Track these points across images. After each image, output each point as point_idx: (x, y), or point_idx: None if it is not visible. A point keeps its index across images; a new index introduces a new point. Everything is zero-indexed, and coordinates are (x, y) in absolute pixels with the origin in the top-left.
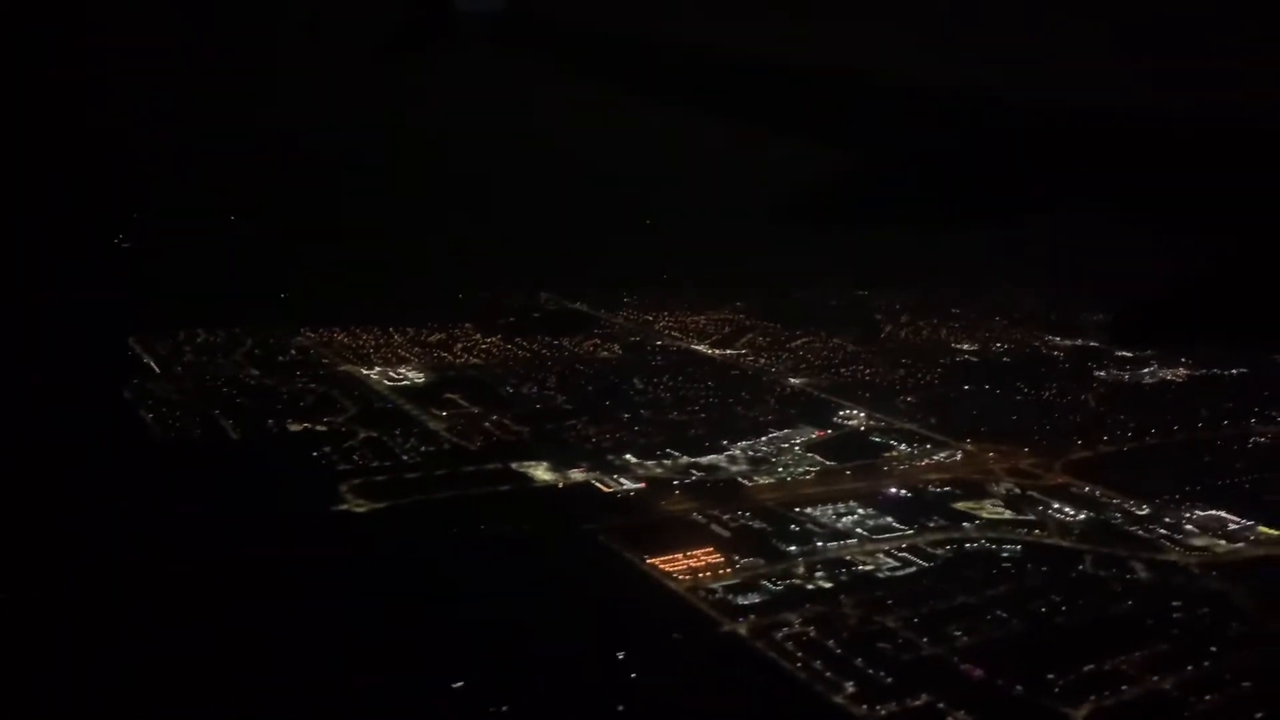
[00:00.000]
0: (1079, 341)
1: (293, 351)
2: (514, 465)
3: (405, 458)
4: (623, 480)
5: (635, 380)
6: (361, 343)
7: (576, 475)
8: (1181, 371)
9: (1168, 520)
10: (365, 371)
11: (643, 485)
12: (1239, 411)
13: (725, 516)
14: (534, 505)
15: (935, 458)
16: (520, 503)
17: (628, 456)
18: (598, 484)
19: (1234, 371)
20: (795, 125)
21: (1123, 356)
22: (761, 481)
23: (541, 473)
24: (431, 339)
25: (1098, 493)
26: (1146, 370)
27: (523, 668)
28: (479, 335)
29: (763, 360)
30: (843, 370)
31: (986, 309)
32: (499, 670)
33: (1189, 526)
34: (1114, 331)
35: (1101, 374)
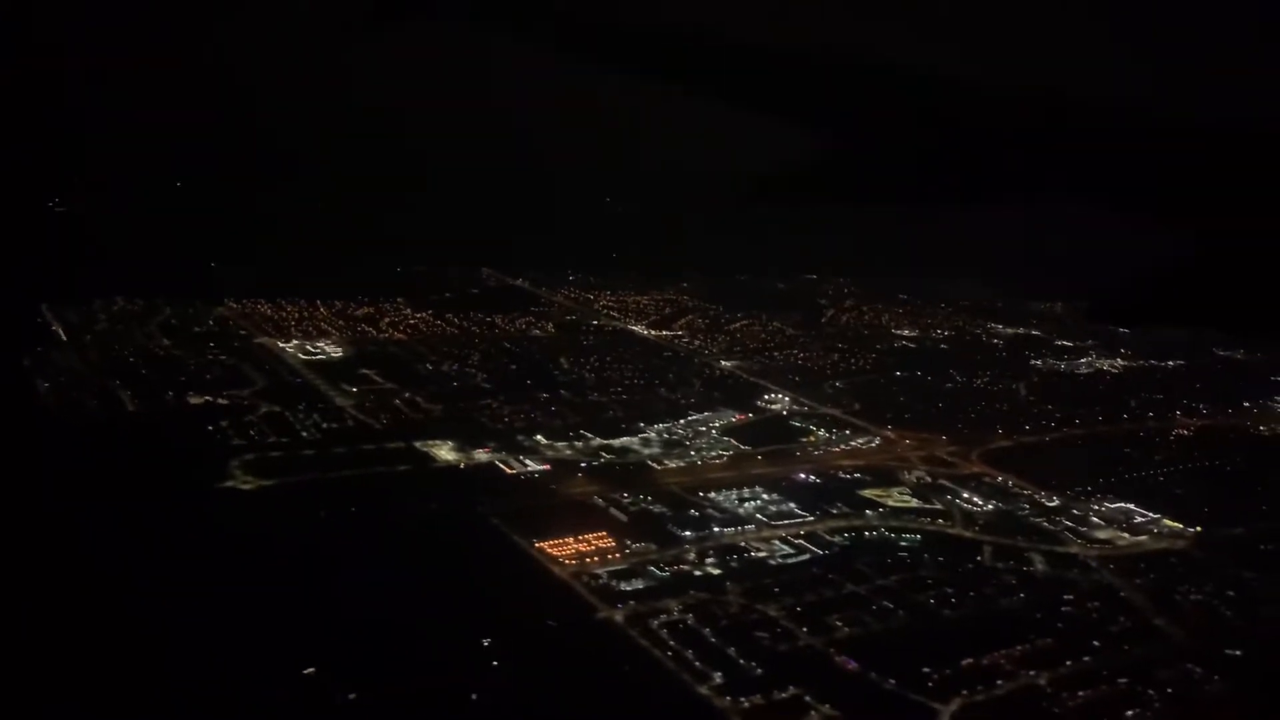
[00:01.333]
0: (1021, 330)
1: (210, 322)
2: (417, 444)
3: (305, 434)
4: (528, 461)
5: (562, 360)
6: (284, 315)
7: (481, 456)
8: (1119, 363)
9: (1075, 512)
10: (281, 344)
11: (547, 467)
12: (1168, 404)
13: (626, 500)
14: (429, 486)
15: (852, 444)
16: (415, 483)
17: (538, 437)
18: (501, 465)
19: (1170, 364)
20: (771, 105)
21: (1061, 346)
22: (671, 465)
23: (445, 453)
24: (358, 313)
25: (1010, 483)
26: (1083, 361)
27: (380, 654)
28: (409, 310)
29: (697, 342)
30: (776, 354)
31: (935, 296)
32: (355, 656)
33: (1095, 519)
34: (1093, 311)
35: (1038, 363)
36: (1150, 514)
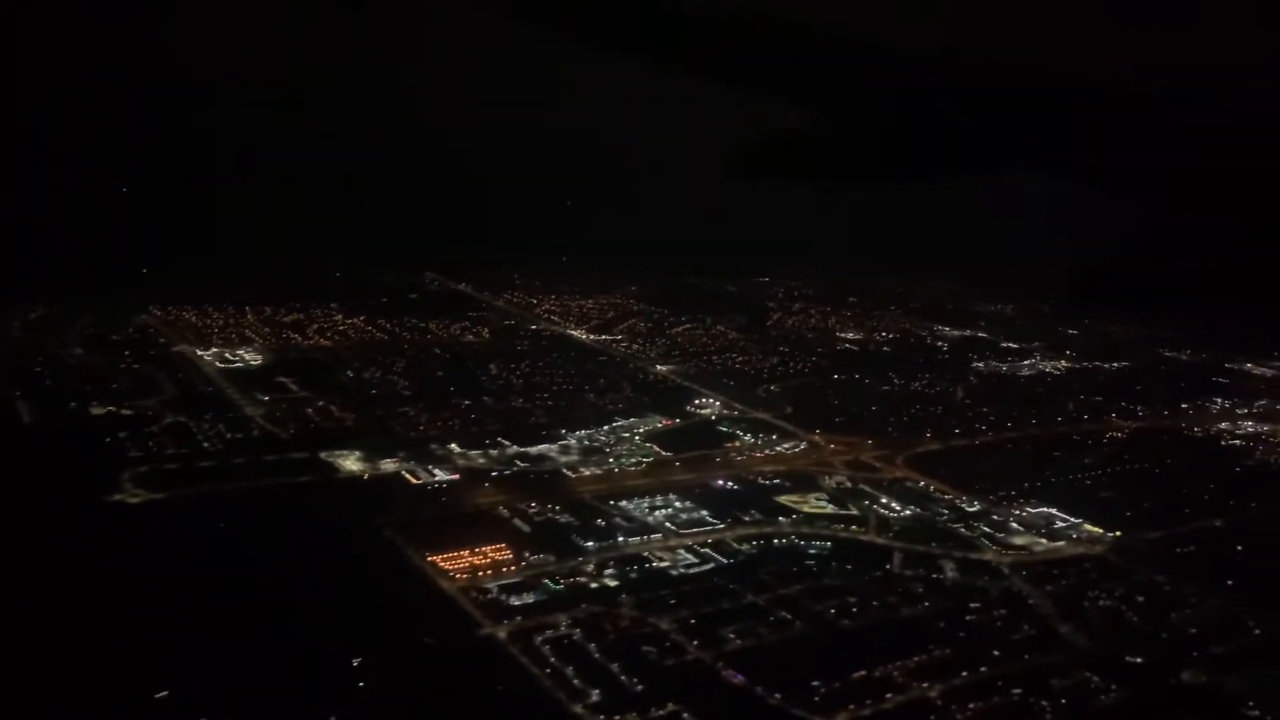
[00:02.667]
0: (968, 332)
1: (130, 330)
2: (323, 455)
3: (206, 445)
4: (436, 471)
5: (492, 366)
6: (209, 322)
7: (388, 466)
8: (1062, 365)
9: (995, 517)
10: (200, 352)
11: (456, 477)
12: (1105, 406)
13: (532, 510)
14: (327, 498)
15: (777, 449)
16: (314, 495)
17: (452, 446)
18: (408, 475)
19: (1114, 365)
20: (748, 80)
21: (1006, 348)
22: (586, 473)
23: (350, 463)
24: (287, 319)
25: (932, 488)
26: (1026, 363)
27: (241, 677)
28: (340, 316)
29: (636, 346)
30: (715, 358)
31: (885, 297)
32: (213, 680)
33: (1015, 524)
34: (1070, 291)
35: (980, 365)
36: (1071, 519)
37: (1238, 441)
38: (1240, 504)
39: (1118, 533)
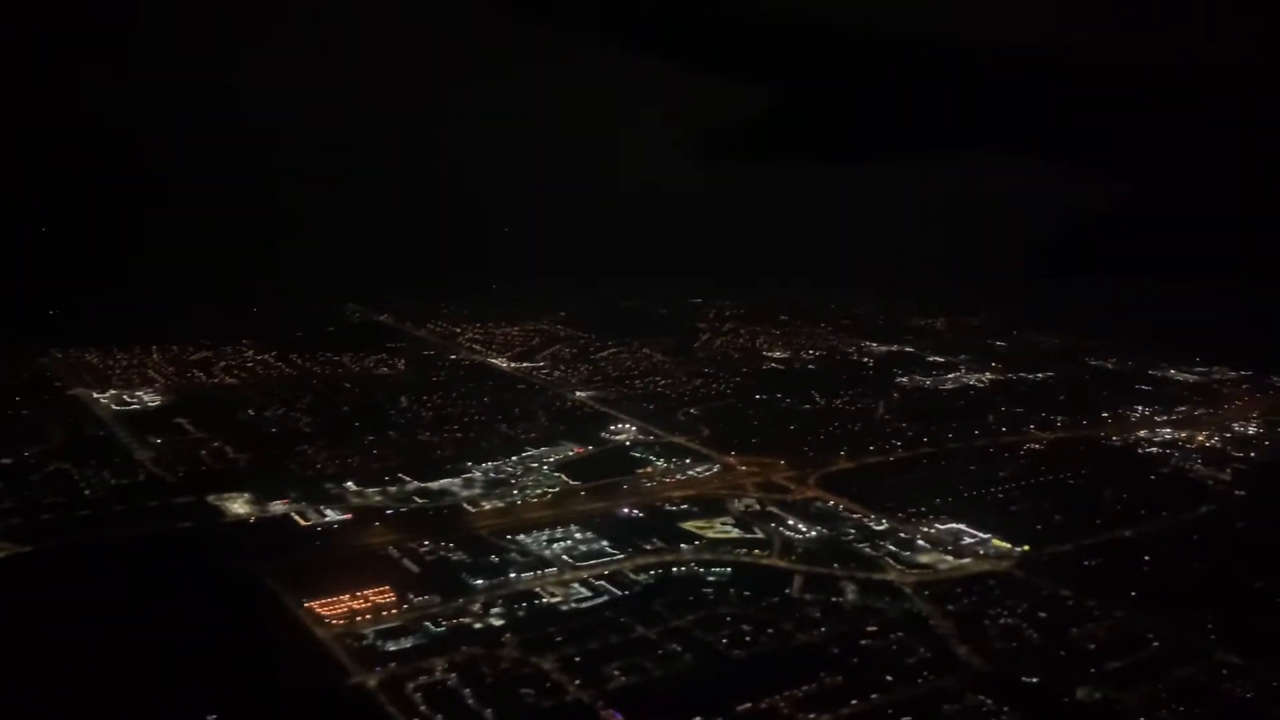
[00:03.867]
0: (895, 348)
1: (25, 374)
2: (210, 498)
3: (88, 492)
4: (328, 512)
5: (403, 399)
6: (112, 363)
7: (277, 508)
8: (986, 377)
9: (902, 535)
10: (96, 395)
11: (348, 517)
12: (1026, 418)
13: (424, 549)
14: (208, 543)
15: (689, 473)
16: (193, 541)
17: (348, 484)
18: (298, 517)
19: (1039, 376)
20: (706, 63)
21: (932, 362)
22: (487, 506)
23: (238, 506)
24: (194, 357)
25: (841, 507)
26: (950, 376)
27: None
28: (251, 352)
29: (558, 373)
30: (637, 382)
31: (816, 314)
32: None
33: (922, 542)
34: (1033, 262)
35: (904, 380)
36: (980, 534)
37: (1154, 450)
38: (1152, 513)
39: (1026, 547)
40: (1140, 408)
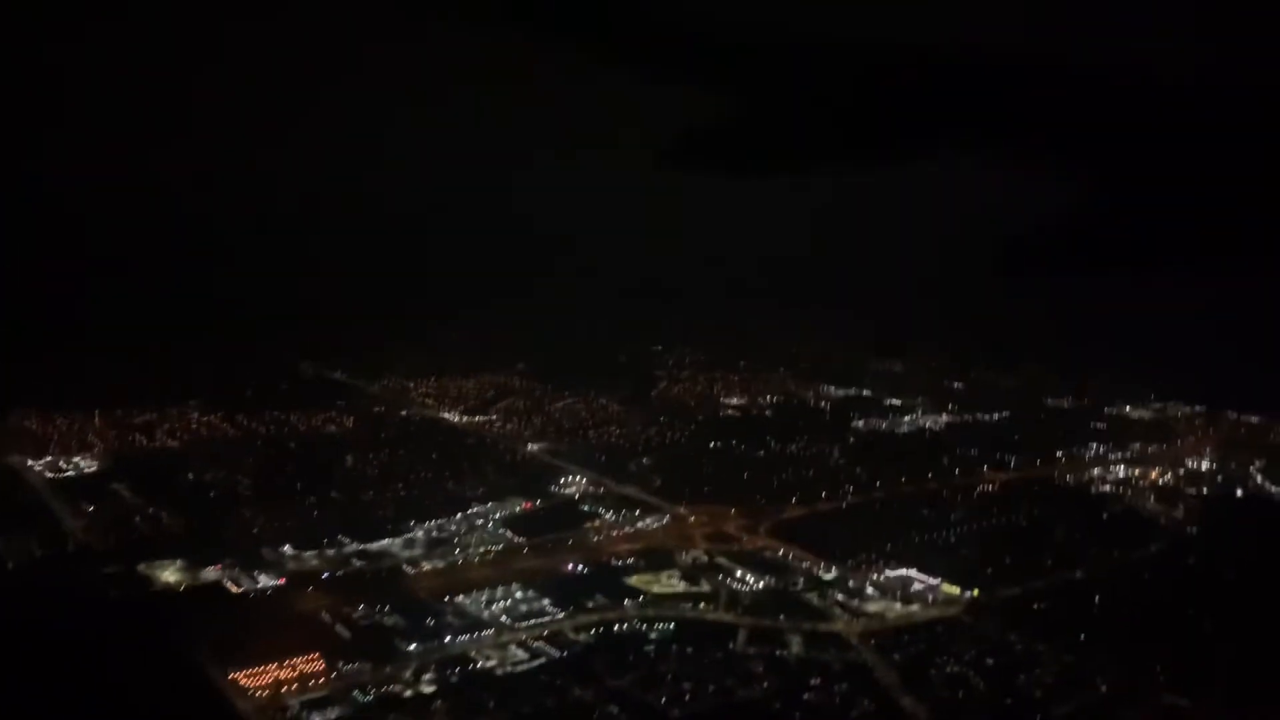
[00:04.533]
0: (853, 391)
1: None
2: (141, 566)
3: (9, 564)
4: (261, 577)
5: (349, 457)
6: (51, 428)
7: (209, 574)
8: (943, 419)
9: (851, 584)
10: (31, 462)
11: (281, 582)
12: (980, 459)
13: (358, 614)
14: (133, 614)
15: (639, 525)
16: (120, 612)
17: (285, 548)
18: (230, 584)
19: (995, 417)
20: (671, 75)
21: (889, 405)
22: (427, 567)
23: (169, 574)
24: (138, 420)
25: (791, 556)
26: (907, 419)
27: None
28: (197, 414)
29: (511, 426)
30: (592, 433)
31: (776, 360)
32: None
33: (871, 590)
34: (1006, 260)
35: (860, 424)
36: (930, 579)
37: (1107, 487)
38: (1102, 552)
39: (975, 591)
40: (1095, 445)
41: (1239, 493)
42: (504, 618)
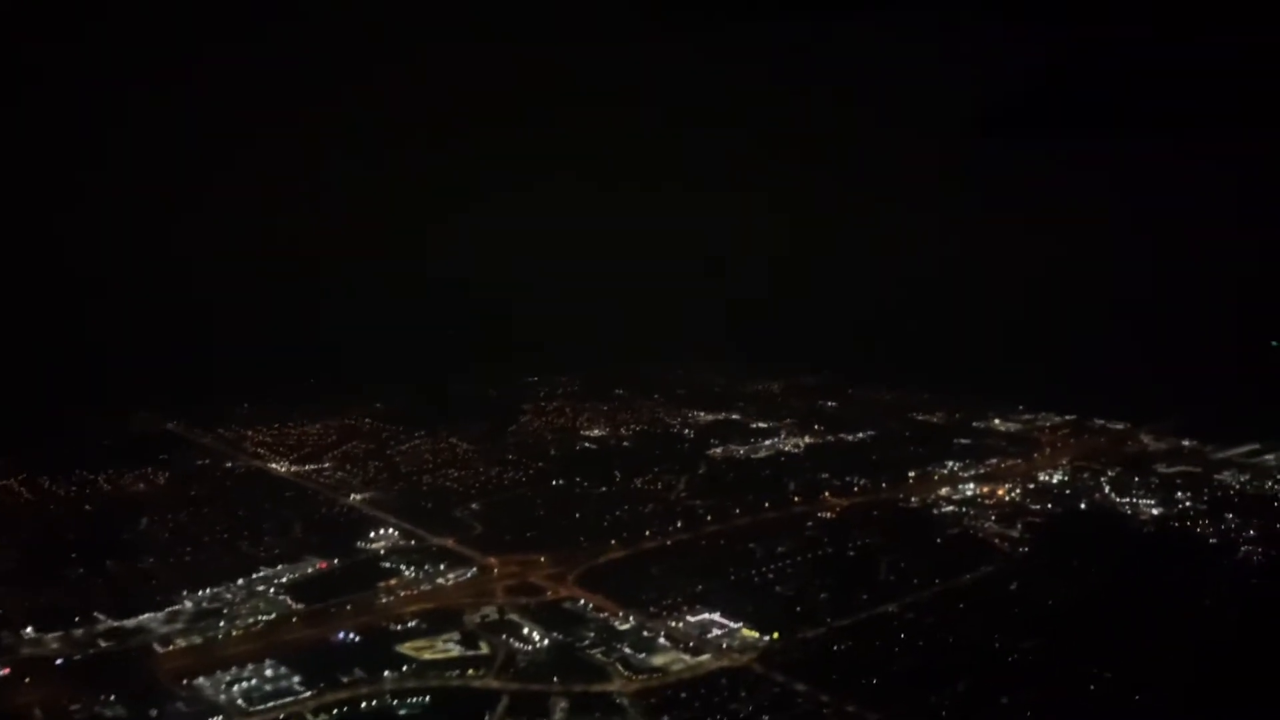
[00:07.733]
0: (720, 415)
1: None
2: None
3: None
4: None
5: (144, 520)
6: None
7: None
8: (804, 441)
9: (645, 634)
10: None
11: (5, 673)
12: (828, 483)
13: (75, 708)
14: None
15: (438, 582)
16: None
17: (26, 630)
18: None
19: (858, 436)
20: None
21: (755, 429)
22: (181, 644)
23: None
24: None
25: (591, 606)
26: (767, 443)
27: None
28: None
29: (340, 474)
30: (426, 477)
31: (652, 386)
32: None
33: (663, 640)
34: (984, 123)
35: (718, 451)
36: (731, 624)
37: (950, 509)
38: (924, 583)
39: (775, 634)
40: (950, 463)
41: (1083, 506)
42: (240, 701)
